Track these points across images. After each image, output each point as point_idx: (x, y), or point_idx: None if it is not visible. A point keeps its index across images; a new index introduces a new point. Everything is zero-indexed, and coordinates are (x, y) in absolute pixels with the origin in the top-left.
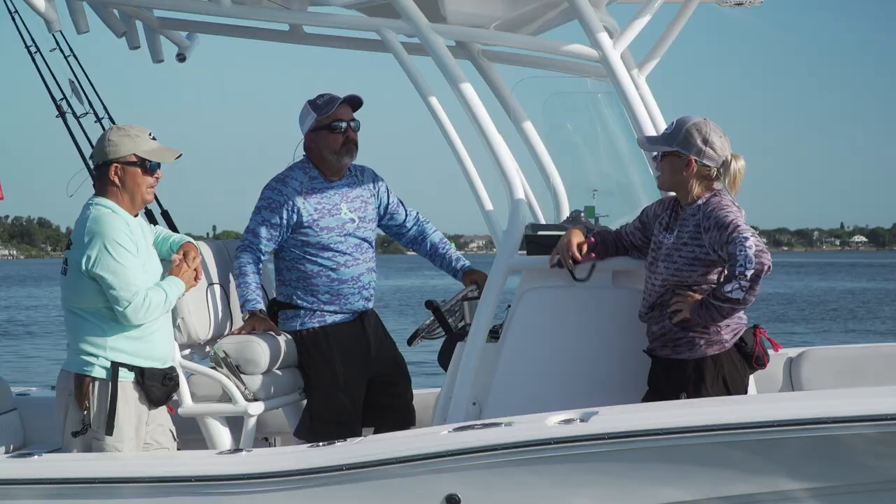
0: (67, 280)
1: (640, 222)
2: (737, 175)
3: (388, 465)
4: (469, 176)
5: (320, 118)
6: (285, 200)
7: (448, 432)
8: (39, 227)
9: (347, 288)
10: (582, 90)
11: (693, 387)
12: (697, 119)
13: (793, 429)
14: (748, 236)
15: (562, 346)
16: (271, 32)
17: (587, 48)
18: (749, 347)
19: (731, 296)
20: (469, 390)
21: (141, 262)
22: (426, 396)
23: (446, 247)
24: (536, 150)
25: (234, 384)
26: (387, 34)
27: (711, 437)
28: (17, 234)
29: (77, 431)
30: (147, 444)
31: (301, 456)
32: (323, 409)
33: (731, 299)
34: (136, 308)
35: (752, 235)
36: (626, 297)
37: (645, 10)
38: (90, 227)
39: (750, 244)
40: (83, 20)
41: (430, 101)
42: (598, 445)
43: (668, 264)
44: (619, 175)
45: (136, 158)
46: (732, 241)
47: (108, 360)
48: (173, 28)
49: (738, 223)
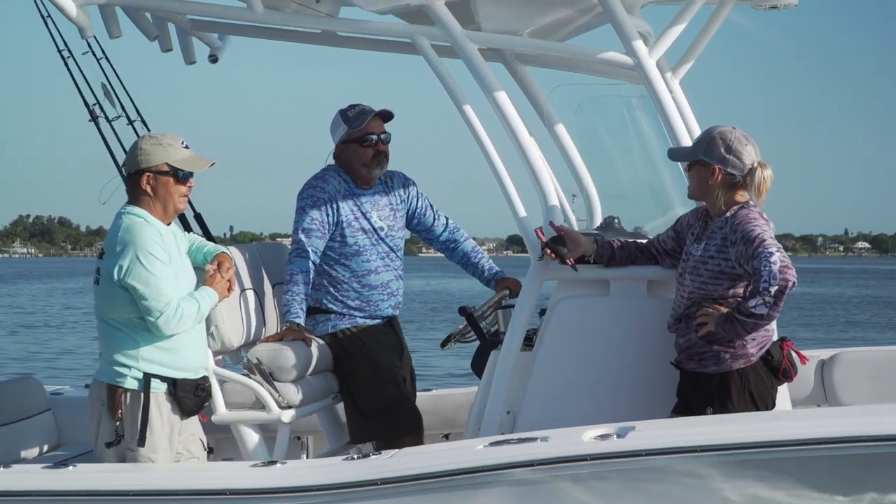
0: (100, 290)
1: (674, 231)
2: (762, 183)
3: (423, 480)
4: (502, 181)
5: (352, 131)
6: (328, 197)
7: (483, 447)
8: (60, 226)
9: (377, 294)
10: (616, 94)
11: (719, 401)
12: (725, 128)
13: (828, 447)
14: (773, 251)
15: (596, 354)
16: (303, 34)
17: (622, 56)
18: (776, 361)
19: (755, 311)
20: (503, 398)
21: (173, 271)
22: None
23: (478, 255)
24: (570, 154)
25: (268, 392)
26: (420, 41)
27: (747, 455)
28: (37, 233)
29: (110, 442)
30: (179, 454)
31: (335, 469)
32: (374, 404)
33: (754, 315)
34: (168, 319)
35: (778, 251)
36: (660, 306)
37: (681, 16)
38: (122, 236)
39: (775, 259)
40: (115, 24)
41: (464, 107)
42: (634, 462)
43: (695, 277)
44: (653, 180)
45: (169, 168)
46: (758, 256)
47: (140, 371)
48: (205, 30)
49: (764, 238)
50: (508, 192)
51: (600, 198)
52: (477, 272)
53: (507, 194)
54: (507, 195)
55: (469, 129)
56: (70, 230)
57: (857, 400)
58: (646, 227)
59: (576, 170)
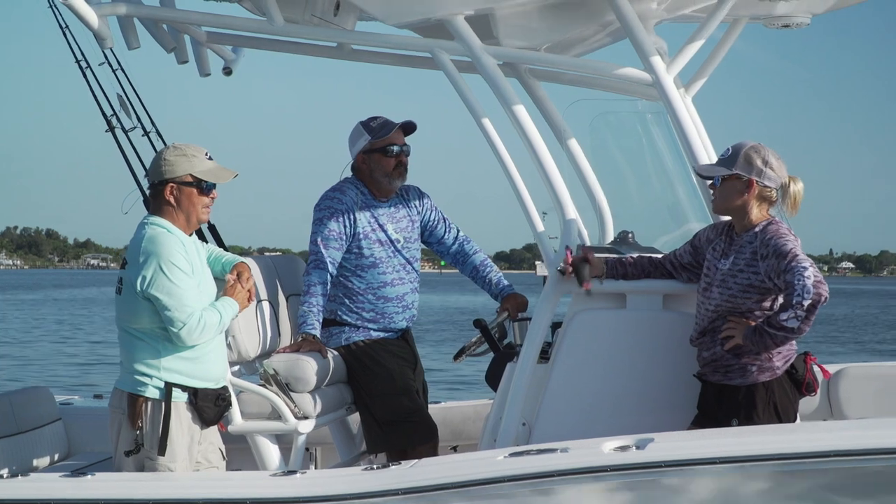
0: (122, 300)
1: (691, 246)
2: (796, 197)
3: (443, 490)
4: (520, 195)
5: (375, 141)
6: (345, 209)
7: (504, 457)
8: (47, 238)
9: (392, 307)
10: (630, 109)
11: (744, 413)
12: (754, 143)
13: (848, 459)
14: (807, 266)
15: (611, 367)
16: (318, 48)
17: (640, 72)
18: (800, 374)
19: (787, 325)
20: (519, 410)
21: (196, 282)
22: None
23: (487, 269)
24: (582, 170)
25: (284, 402)
26: (440, 55)
27: (767, 467)
28: (24, 245)
29: (130, 451)
30: (198, 464)
31: (355, 479)
32: (390, 415)
33: (785, 328)
34: (191, 329)
35: (811, 266)
36: (676, 320)
37: (699, 33)
38: (146, 246)
39: (808, 274)
40: (134, 36)
41: (482, 120)
42: (654, 473)
43: (723, 290)
44: (667, 194)
45: (193, 179)
46: (791, 271)
47: (161, 380)
48: (220, 42)
49: (796, 252)
50: (526, 206)
51: (612, 213)
52: (486, 286)
53: (525, 208)
54: (524, 208)
55: (488, 142)
56: (57, 242)
57: (862, 415)
58: (659, 243)
59: (588, 185)
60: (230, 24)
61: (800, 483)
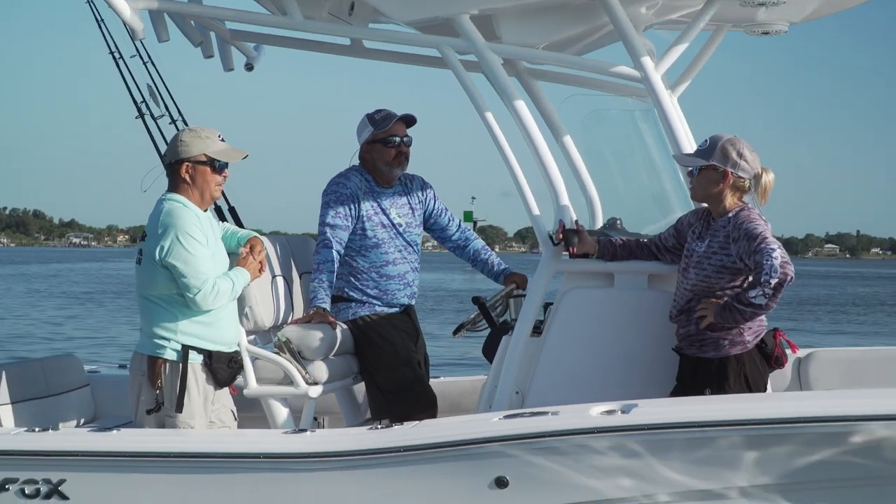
0: (142, 269)
1: (675, 229)
2: (767, 187)
3: (443, 448)
4: (519, 183)
5: (377, 132)
6: (350, 193)
7: (499, 419)
8: (35, 218)
9: (394, 284)
10: (620, 107)
11: (717, 383)
12: (730, 136)
13: (811, 425)
14: (775, 248)
15: (598, 341)
16: (334, 46)
17: (631, 69)
18: (769, 348)
19: (755, 301)
20: (513, 380)
21: (210, 252)
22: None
23: (488, 253)
24: (574, 161)
25: (297, 369)
26: (447, 52)
27: (740, 431)
28: (12, 224)
29: (151, 409)
30: (212, 423)
31: (361, 437)
32: (393, 385)
33: (753, 304)
34: (206, 295)
35: (779, 247)
36: (660, 298)
37: (684, 36)
38: (164, 220)
39: (776, 255)
40: (164, 29)
41: (486, 115)
42: (637, 435)
43: (699, 271)
44: (653, 185)
45: (206, 158)
46: (760, 251)
47: (179, 343)
48: (243, 40)
49: (766, 235)
50: (524, 192)
51: (602, 202)
52: (486, 268)
53: (523, 194)
54: (522, 195)
55: (490, 135)
56: (44, 222)
57: None
58: (646, 230)
59: (580, 175)
60: (251, 19)
61: (766, 446)
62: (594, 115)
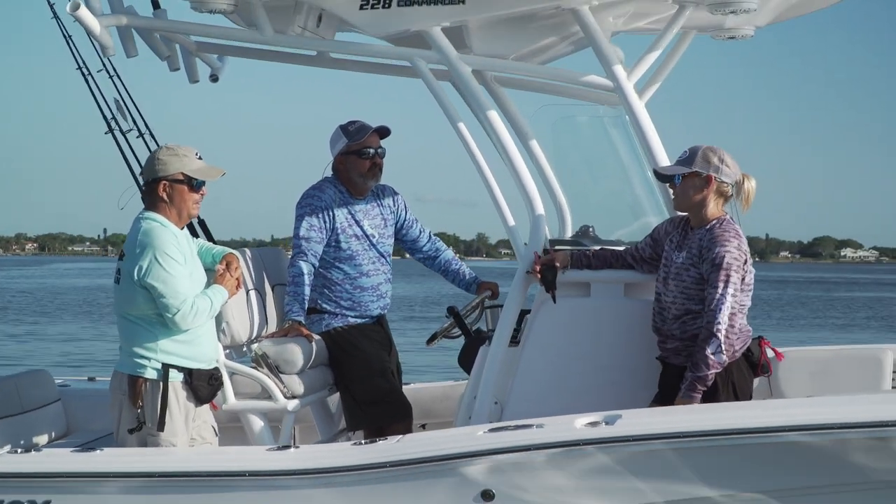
0: (120, 289)
1: (651, 239)
2: (749, 193)
3: (428, 463)
4: (493, 193)
5: (351, 144)
6: (324, 206)
7: (484, 433)
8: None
9: (367, 296)
10: (591, 114)
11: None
12: (708, 145)
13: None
14: (727, 298)
15: (576, 351)
16: (300, 57)
17: (603, 79)
18: (755, 357)
19: (718, 360)
20: (492, 390)
21: (188, 271)
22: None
23: (457, 263)
24: (544, 169)
25: (275, 383)
26: (419, 63)
27: (728, 440)
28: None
29: (133, 429)
30: (193, 440)
31: (346, 453)
32: (368, 395)
33: (718, 364)
34: (185, 315)
35: (733, 295)
36: (637, 307)
37: (657, 43)
38: (141, 239)
39: (725, 308)
40: (132, 45)
41: (458, 125)
42: (623, 447)
43: (678, 282)
44: (625, 191)
45: (184, 176)
46: (712, 299)
47: (159, 362)
48: (208, 51)
49: (730, 273)
50: (499, 204)
51: (571, 209)
52: (457, 279)
53: (498, 205)
54: (497, 206)
55: (463, 145)
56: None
57: (799, 395)
58: (617, 235)
59: (549, 183)
60: (222, 34)
61: (755, 455)
62: (563, 122)
